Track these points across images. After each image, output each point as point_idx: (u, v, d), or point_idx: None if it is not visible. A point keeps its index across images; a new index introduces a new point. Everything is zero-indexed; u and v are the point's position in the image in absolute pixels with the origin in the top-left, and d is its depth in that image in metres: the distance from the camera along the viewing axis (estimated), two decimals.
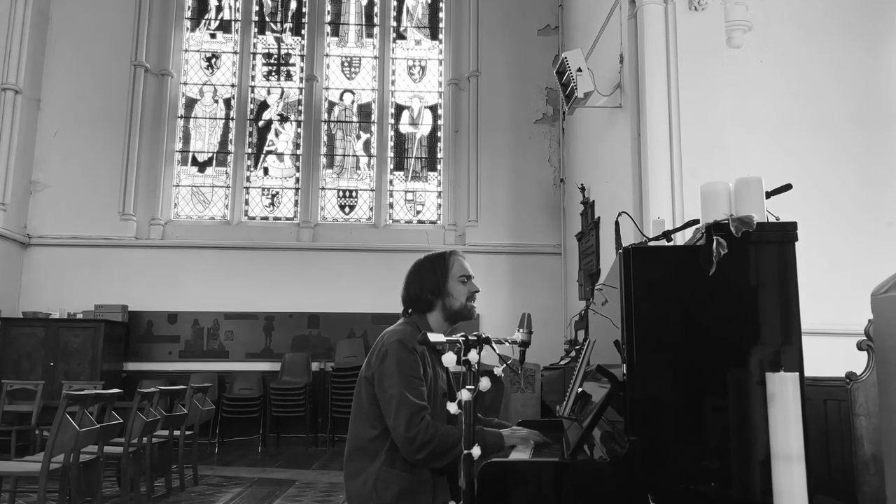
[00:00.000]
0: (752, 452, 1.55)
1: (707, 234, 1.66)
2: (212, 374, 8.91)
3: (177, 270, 9.30)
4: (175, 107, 9.90)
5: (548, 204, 9.57)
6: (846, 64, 6.05)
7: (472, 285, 2.45)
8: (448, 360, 1.72)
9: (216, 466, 7.30)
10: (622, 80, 6.57)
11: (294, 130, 10.07)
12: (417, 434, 2.14)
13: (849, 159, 5.80)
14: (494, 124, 9.73)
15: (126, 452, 4.90)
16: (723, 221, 1.65)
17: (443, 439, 2.15)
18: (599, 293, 2.47)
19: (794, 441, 1.33)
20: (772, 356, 1.61)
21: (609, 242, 7.04)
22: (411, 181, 10.03)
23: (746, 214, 1.64)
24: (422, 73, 10.29)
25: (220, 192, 9.88)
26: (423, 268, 2.46)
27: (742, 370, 1.62)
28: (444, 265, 2.43)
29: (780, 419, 1.36)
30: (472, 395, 1.72)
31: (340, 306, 9.27)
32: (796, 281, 1.64)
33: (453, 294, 2.41)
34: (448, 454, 2.16)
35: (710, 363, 1.65)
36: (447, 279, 2.41)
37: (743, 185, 1.72)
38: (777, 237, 1.66)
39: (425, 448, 2.15)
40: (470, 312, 2.43)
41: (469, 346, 1.73)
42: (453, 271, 2.43)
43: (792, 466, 1.33)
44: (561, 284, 9.24)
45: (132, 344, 9.11)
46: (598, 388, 2.09)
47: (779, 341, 1.62)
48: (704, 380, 1.64)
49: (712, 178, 6.19)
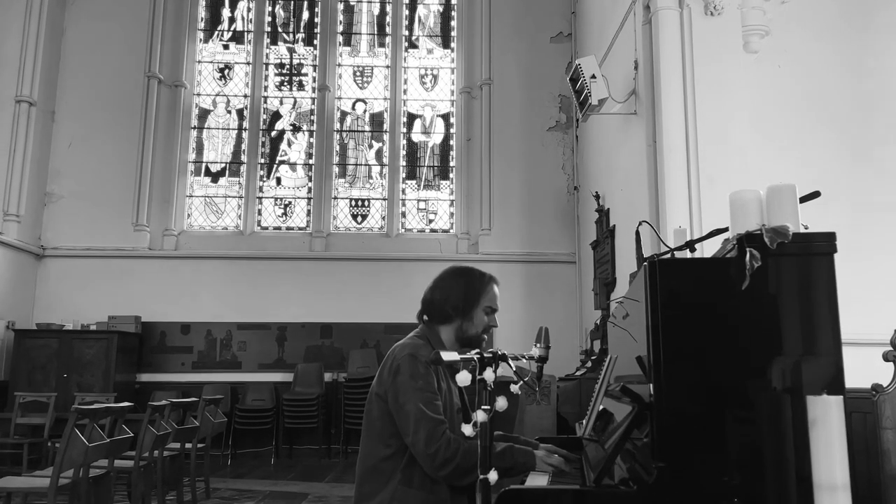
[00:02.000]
0: (791, 480, 1.45)
1: (739, 246, 1.57)
2: (224, 385, 8.86)
3: (190, 281, 9.28)
4: (188, 117, 9.91)
5: (562, 212, 9.48)
6: (865, 68, 5.93)
7: (494, 320, 2.34)
8: (462, 378, 1.64)
9: (228, 479, 7.24)
10: (637, 87, 6.48)
11: (306, 140, 10.05)
12: (439, 450, 2.05)
13: (870, 165, 5.67)
14: (507, 132, 9.66)
15: (137, 466, 4.85)
16: (755, 232, 1.56)
17: (466, 455, 2.05)
18: (620, 306, 2.39)
19: (839, 470, 1.24)
20: (811, 377, 1.51)
21: (625, 251, 6.94)
22: (424, 190, 9.98)
23: (781, 224, 1.55)
24: (434, 82, 10.24)
25: (232, 202, 9.87)
26: (458, 280, 2.34)
27: (779, 391, 1.52)
28: (478, 288, 2.32)
29: (824, 446, 1.27)
30: (489, 416, 1.64)
31: (353, 316, 9.21)
32: (836, 296, 1.55)
33: (474, 321, 2.30)
34: (472, 472, 2.06)
35: (743, 383, 1.54)
36: (476, 304, 2.30)
37: (775, 193, 1.63)
38: (815, 249, 1.56)
39: (449, 464, 2.05)
40: (480, 343, 2.31)
41: (484, 365, 1.65)
42: (484, 299, 2.32)
43: (837, 497, 1.24)
44: (576, 293, 9.12)
45: (145, 355, 9.09)
46: (619, 406, 2.00)
47: (819, 361, 1.52)
48: (738, 401, 1.53)
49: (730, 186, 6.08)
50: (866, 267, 5.26)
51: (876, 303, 4.88)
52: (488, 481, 1.64)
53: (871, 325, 4.07)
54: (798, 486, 1.43)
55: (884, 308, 4.80)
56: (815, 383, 1.50)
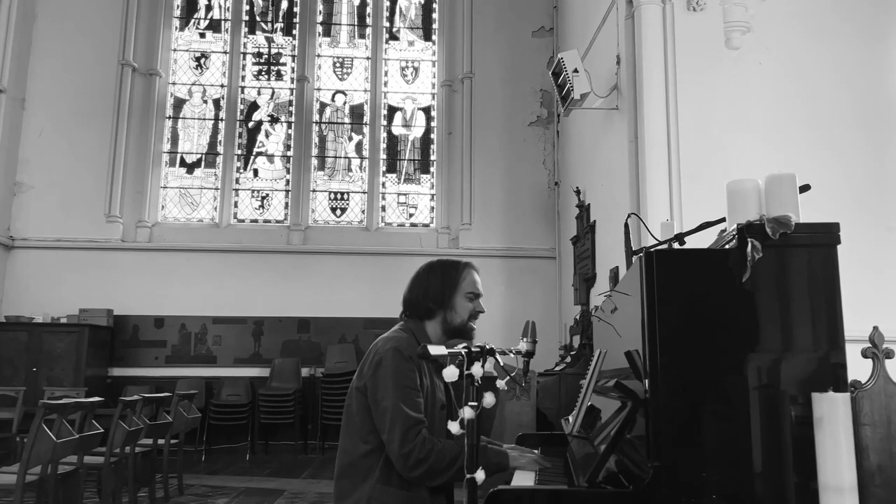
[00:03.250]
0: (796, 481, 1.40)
1: (739, 236, 1.51)
2: (199, 380, 8.72)
3: (164, 274, 9.10)
4: (163, 107, 9.72)
5: (542, 207, 9.44)
6: (847, 65, 5.96)
7: (479, 304, 2.29)
8: (449, 374, 1.57)
9: (202, 475, 7.11)
10: (619, 82, 6.45)
11: (285, 131, 9.90)
12: (413, 450, 1.99)
13: (850, 162, 5.70)
14: (488, 126, 9.60)
15: (108, 463, 4.72)
16: (756, 222, 1.51)
17: (440, 456, 2.00)
18: (609, 300, 2.33)
19: (847, 470, 1.19)
20: (814, 372, 1.46)
21: (605, 247, 6.92)
22: (404, 184, 9.88)
23: (783, 214, 1.50)
24: (415, 75, 10.15)
25: (208, 193, 9.70)
26: (433, 273, 2.29)
27: (780, 388, 1.47)
28: (454, 276, 2.27)
29: (831, 446, 1.22)
30: (476, 413, 1.57)
31: (331, 311, 9.10)
32: (839, 288, 1.50)
33: (457, 309, 2.25)
34: (446, 472, 2.01)
35: (743, 379, 1.49)
36: (455, 292, 2.25)
37: (774, 183, 1.58)
38: (818, 239, 1.51)
39: (421, 465, 2.00)
40: (470, 332, 2.26)
41: (472, 359, 1.59)
42: (463, 285, 2.27)
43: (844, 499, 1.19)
44: (555, 289, 9.10)
45: (117, 349, 8.91)
46: (609, 402, 1.95)
47: (822, 355, 1.47)
48: (736, 398, 1.48)
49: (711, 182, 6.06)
50: (846, 264, 5.29)
51: (855, 299, 4.91)
52: (475, 481, 1.57)
53: (849, 321, 4.07)
54: (802, 488, 1.38)
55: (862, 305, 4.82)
56: (819, 380, 1.45)
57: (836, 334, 1.48)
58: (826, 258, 1.52)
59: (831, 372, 1.46)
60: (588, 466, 1.57)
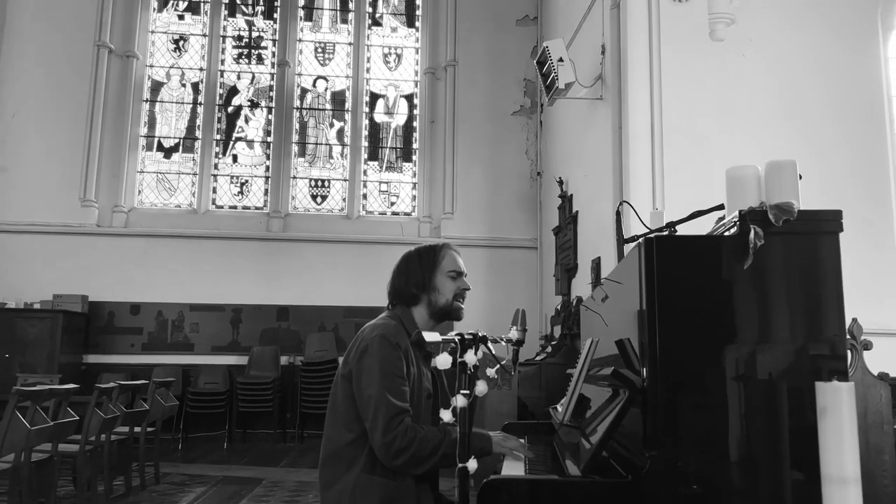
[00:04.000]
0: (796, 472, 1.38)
1: (741, 223, 1.49)
2: (176, 368, 8.61)
3: (140, 260, 8.96)
4: (140, 90, 9.53)
5: (524, 197, 9.43)
6: (829, 58, 6.01)
7: (463, 282, 2.26)
8: (442, 361, 1.54)
9: (179, 464, 7.03)
10: (603, 72, 6.44)
11: (265, 117, 9.77)
12: (395, 439, 1.96)
13: (829, 153, 5.76)
14: (471, 115, 9.55)
15: (83, 451, 4.64)
16: (758, 209, 1.49)
17: (422, 444, 1.97)
18: (599, 289, 2.31)
19: (850, 462, 1.17)
20: (816, 361, 1.44)
21: (587, 237, 6.93)
22: (386, 172, 9.81)
23: (785, 201, 1.48)
24: (397, 62, 10.06)
25: (186, 179, 9.55)
26: (411, 259, 2.27)
27: (781, 376, 1.45)
28: (433, 258, 2.25)
29: (834, 436, 1.20)
30: (469, 401, 1.54)
31: (311, 299, 9.03)
32: (841, 276, 1.48)
33: (440, 290, 2.22)
34: (429, 460, 1.99)
35: (743, 368, 1.47)
36: (434, 273, 2.22)
37: (775, 170, 1.56)
38: (822, 227, 1.50)
39: (403, 454, 1.96)
40: (457, 312, 2.24)
41: (465, 347, 1.55)
42: (442, 265, 2.24)
43: (848, 491, 1.17)
44: (537, 279, 9.11)
45: (92, 336, 8.77)
46: (600, 391, 1.93)
47: (825, 344, 1.45)
48: (738, 387, 1.46)
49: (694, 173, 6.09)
50: None
51: None
52: (467, 470, 1.54)
53: None
54: (803, 479, 1.37)
55: None
56: (822, 369, 1.44)
57: (839, 323, 1.46)
58: (828, 245, 1.50)
59: (834, 361, 1.45)
60: (581, 456, 1.55)
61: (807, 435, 1.34)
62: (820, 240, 1.49)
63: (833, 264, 1.49)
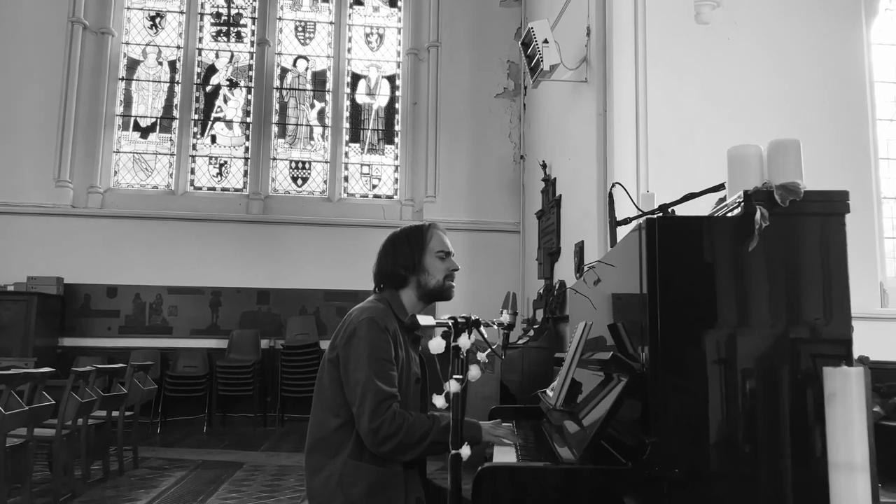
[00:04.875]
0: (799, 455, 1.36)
1: (746, 204, 1.45)
2: (154, 351, 8.50)
3: (117, 242, 8.80)
4: (116, 68, 9.32)
5: (507, 180, 9.38)
6: (813, 42, 6.01)
7: (452, 262, 2.21)
8: (436, 345, 1.49)
9: (158, 448, 6.95)
10: (588, 54, 6.38)
11: (244, 97, 9.60)
12: (382, 424, 1.92)
13: (814, 137, 5.76)
14: (454, 97, 9.46)
15: (59, 436, 4.55)
16: (763, 189, 1.45)
17: (410, 430, 1.93)
18: (591, 272, 2.27)
19: (859, 448, 1.15)
20: (823, 345, 1.41)
21: (571, 221, 6.90)
22: (367, 154, 9.70)
23: (790, 181, 1.45)
24: (380, 42, 9.92)
25: (163, 159, 9.38)
26: (398, 240, 2.21)
27: (787, 361, 1.42)
28: (420, 238, 2.19)
29: (842, 422, 1.17)
30: (462, 387, 1.50)
31: (291, 282, 8.94)
32: (846, 259, 1.45)
33: (429, 270, 2.16)
34: (416, 447, 1.94)
35: (747, 352, 1.43)
36: (423, 254, 2.17)
37: (778, 149, 1.52)
38: (827, 208, 1.46)
39: (390, 440, 1.92)
40: (448, 292, 2.19)
41: (459, 331, 1.51)
42: (430, 245, 2.19)
43: (856, 478, 1.15)
44: (519, 263, 9.09)
45: (68, 318, 8.62)
46: (589, 376, 1.90)
47: (831, 328, 1.42)
48: (741, 372, 1.42)
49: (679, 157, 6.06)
50: None
51: None
52: (460, 457, 1.50)
53: None
54: (811, 465, 1.34)
55: None
56: (829, 353, 1.40)
57: (845, 306, 1.43)
58: (835, 227, 1.46)
59: (841, 345, 1.42)
60: (576, 441, 1.52)
61: (813, 421, 1.32)
62: (827, 221, 1.45)
63: (839, 246, 1.45)
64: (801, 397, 1.40)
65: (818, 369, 1.33)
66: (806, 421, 1.37)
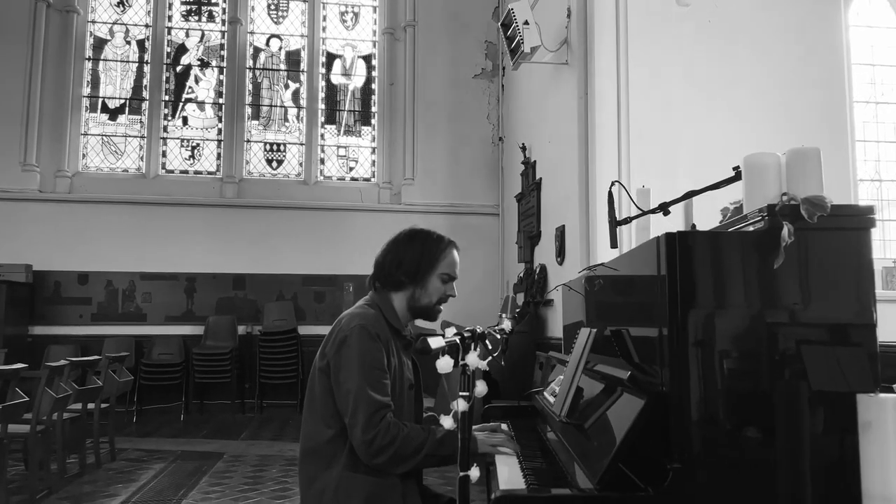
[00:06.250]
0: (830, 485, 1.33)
1: (772, 219, 1.40)
2: (128, 339, 8.34)
3: (87, 227, 8.58)
4: (82, 47, 9.02)
5: (486, 163, 9.30)
6: (792, 24, 6.01)
7: (451, 288, 2.13)
8: (444, 365, 1.43)
9: (135, 438, 6.84)
10: (569, 36, 6.30)
11: (216, 77, 9.37)
12: (376, 436, 1.85)
13: (793, 119, 5.78)
14: (431, 78, 9.32)
15: (34, 432, 4.43)
16: (789, 203, 1.40)
17: (405, 442, 1.87)
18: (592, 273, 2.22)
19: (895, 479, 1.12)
20: (851, 368, 1.36)
21: (551, 205, 6.86)
22: (344, 136, 9.54)
23: (816, 195, 1.40)
24: (355, 21, 9.72)
25: (133, 142, 9.13)
26: (413, 243, 2.10)
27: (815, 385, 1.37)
28: (435, 253, 2.09)
29: (878, 452, 1.14)
30: (469, 405, 1.44)
31: (268, 267, 8.80)
32: (873, 276, 1.41)
33: (428, 289, 2.08)
34: (411, 459, 1.89)
35: (774, 374, 1.38)
36: (431, 270, 2.08)
37: (797, 159, 1.47)
38: (854, 223, 1.41)
39: (385, 452, 1.86)
40: (434, 314, 2.12)
41: (466, 347, 1.45)
42: (441, 265, 2.09)
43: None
44: (498, 246, 9.05)
45: (38, 306, 8.41)
46: (593, 383, 1.85)
47: (858, 350, 1.37)
48: (768, 395, 1.37)
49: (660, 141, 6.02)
50: None
51: None
52: (469, 479, 1.45)
53: None
54: (843, 494, 1.31)
55: None
56: (857, 376, 1.37)
57: (872, 325, 1.39)
58: (861, 243, 1.42)
59: (869, 368, 1.38)
60: (590, 464, 1.46)
61: (847, 450, 1.28)
62: (852, 236, 1.41)
63: (866, 262, 1.41)
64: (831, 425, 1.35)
65: (851, 394, 1.29)
66: (841, 451, 1.32)
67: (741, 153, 2.10)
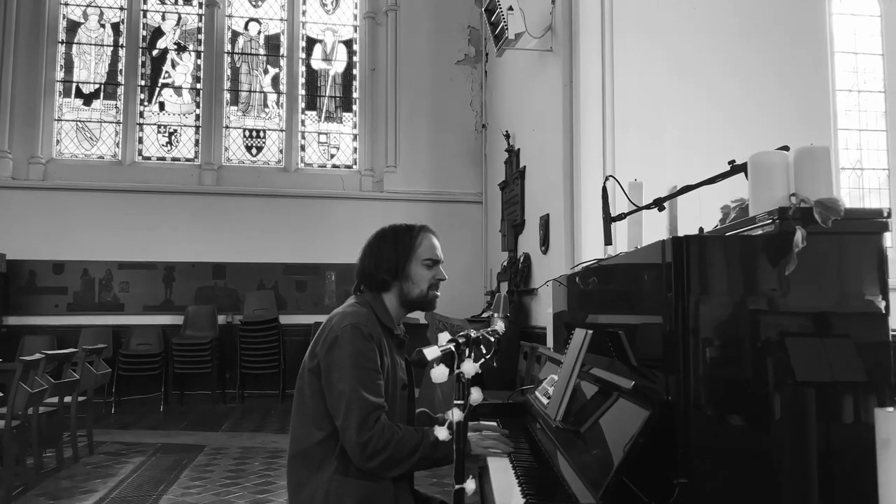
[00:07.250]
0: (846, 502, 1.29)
1: (783, 223, 1.34)
2: (105, 329, 8.20)
3: (62, 215, 8.39)
4: (55, 31, 8.78)
5: (469, 150, 9.21)
6: (778, 11, 5.98)
7: (439, 272, 2.07)
8: (438, 374, 1.38)
9: (113, 430, 6.73)
10: (554, 22, 6.23)
11: (193, 62, 9.17)
12: (371, 439, 1.80)
13: (777, 107, 5.78)
14: (414, 64, 9.20)
15: (9, 428, 4.33)
16: (801, 206, 1.35)
17: (399, 445, 1.82)
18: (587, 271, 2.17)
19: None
20: (868, 378, 1.32)
21: (535, 193, 6.81)
22: (325, 122, 9.40)
23: (829, 198, 1.35)
24: (335, 4, 9.55)
25: (109, 128, 8.93)
26: (385, 240, 2.05)
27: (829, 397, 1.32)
28: (408, 242, 2.03)
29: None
30: (465, 414, 1.39)
31: (248, 256, 8.68)
32: (887, 281, 1.37)
33: (413, 279, 2.02)
34: (405, 462, 1.84)
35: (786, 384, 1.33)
36: (409, 260, 2.02)
37: (806, 158, 1.42)
38: (869, 227, 1.37)
39: (379, 455, 1.81)
40: (431, 303, 2.06)
41: (461, 354, 1.40)
42: (419, 252, 2.03)
43: None
44: (481, 234, 9.00)
45: (12, 296, 8.22)
46: (587, 385, 1.81)
47: (873, 359, 1.33)
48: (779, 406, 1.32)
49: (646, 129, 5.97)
50: None
51: None
52: (465, 491, 1.40)
53: None
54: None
55: None
56: (874, 388, 1.32)
57: (886, 332, 1.35)
58: (876, 247, 1.37)
59: (884, 380, 1.34)
60: (591, 476, 1.41)
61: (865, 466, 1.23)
62: (866, 241, 1.36)
63: (881, 266, 1.36)
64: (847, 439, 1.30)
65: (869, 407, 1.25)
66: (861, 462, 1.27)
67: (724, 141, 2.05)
